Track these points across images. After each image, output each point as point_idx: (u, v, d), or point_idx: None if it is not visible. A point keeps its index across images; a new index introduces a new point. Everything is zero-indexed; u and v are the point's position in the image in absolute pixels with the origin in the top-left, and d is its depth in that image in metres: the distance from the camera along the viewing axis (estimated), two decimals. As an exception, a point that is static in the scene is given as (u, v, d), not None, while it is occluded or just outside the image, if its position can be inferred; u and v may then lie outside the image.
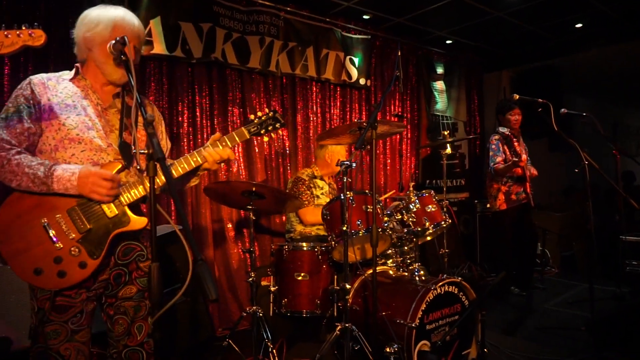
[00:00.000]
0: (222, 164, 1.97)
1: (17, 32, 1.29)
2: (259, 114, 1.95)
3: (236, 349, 2.81)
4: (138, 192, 1.73)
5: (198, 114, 3.78)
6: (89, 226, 1.64)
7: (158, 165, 1.55)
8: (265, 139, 2.00)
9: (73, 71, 1.79)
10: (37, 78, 1.74)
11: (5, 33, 1.28)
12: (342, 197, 2.68)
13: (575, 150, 3.39)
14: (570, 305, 4.13)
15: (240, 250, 3.97)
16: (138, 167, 1.82)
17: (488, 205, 5.42)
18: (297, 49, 4.33)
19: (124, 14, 1.75)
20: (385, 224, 2.82)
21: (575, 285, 4.77)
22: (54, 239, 1.60)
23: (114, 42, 1.62)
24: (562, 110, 3.63)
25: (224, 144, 1.85)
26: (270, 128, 1.95)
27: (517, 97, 3.66)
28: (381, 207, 2.89)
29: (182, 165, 1.80)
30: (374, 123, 2.31)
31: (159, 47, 3.51)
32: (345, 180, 2.53)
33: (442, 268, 3.49)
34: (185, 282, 2.75)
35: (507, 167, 4.12)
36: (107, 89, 1.81)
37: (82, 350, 1.74)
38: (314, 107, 4.54)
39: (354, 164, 2.50)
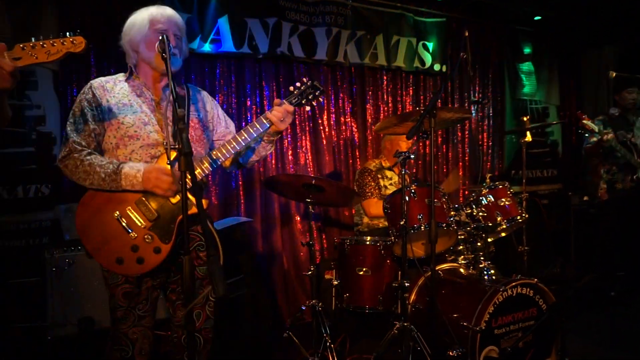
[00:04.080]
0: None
1: (61, 40, 1.37)
2: (297, 84, 1.97)
3: (296, 341, 2.81)
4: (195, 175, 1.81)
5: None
6: (156, 214, 1.75)
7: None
8: (307, 107, 2.01)
9: (128, 72, 1.90)
10: (97, 82, 1.87)
11: (52, 42, 1.37)
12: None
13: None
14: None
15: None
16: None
17: (585, 198, 4.88)
18: (365, 38, 4.21)
19: (156, 8, 1.84)
20: (451, 219, 2.63)
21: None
22: (128, 230, 1.72)
23: (158, 43, 1.69)
24: None
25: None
26: (310, 97, 1.99)
27: (614, 74, 3.22)
28: (447, 200, 2.70)
29: (246, 133, 1.88)
30: (432, 110, 2.14)
31: (227, 45, 3.61)
32: (403, 172, 2.39)
33: (521, 267, 3.18)
34: (246, 274, 2.80)
35: (595, 146, 3.72)
36: (159, 85, 1.90)
37: (147, 334, 1.87)
38: (385, 96, 4.39)
39: (412, 155, 2.35)
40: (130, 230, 1.72)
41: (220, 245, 2.01)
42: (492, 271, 2.61)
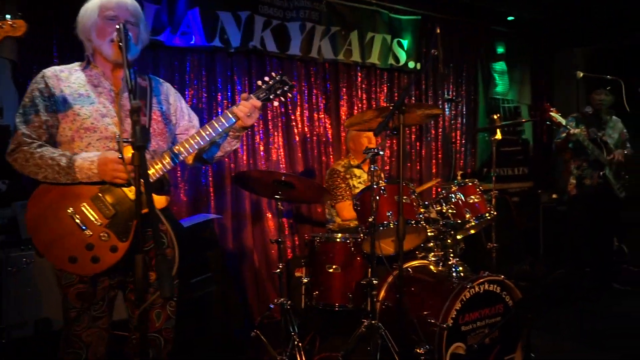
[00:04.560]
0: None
1: (0, 24, 1.29)
2: (266, 79, 1.92)
3: (264, 340, 2.77)
4: (155, 170, 1.76)
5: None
6: (113, 211, 1.68)
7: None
8: (275, 103, 1.96)
9: (85, 61, 1.82)
10: (50, 71, 1.78)
11: (-11, 25, 1.29)
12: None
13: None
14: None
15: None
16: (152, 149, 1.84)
17: (554, 196, 4.97)
18: (340, 34, 4.18)
19: None
20: (420, 216, 2.62)
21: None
22: (83, 227, 1.64)
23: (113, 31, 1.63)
24: None
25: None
26: (279, 92, 1.94)
27: (581, 74, 3.27)
28: (417, 197, 2.69)
29: (210, 128, 1.82)
30: (401, 106, 2.12)
31: (198, 38, 3.53)
32: (372, 169, 2.37)
33: (489, 264, 3.21)
34: (215, 271, 2.74)
35: (563, 141, 3.83)
36: (117, 74, 1.82)
37: (103, 336, 1.79)
38: (359, 93, 4.37)
39: (381, 151, 2.33)
40: (84, 228, 1.65)
41: (177, 244, 1.95)
42: (461, 268, 2.61)
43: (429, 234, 2.89)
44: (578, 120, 3.98)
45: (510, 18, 5.19)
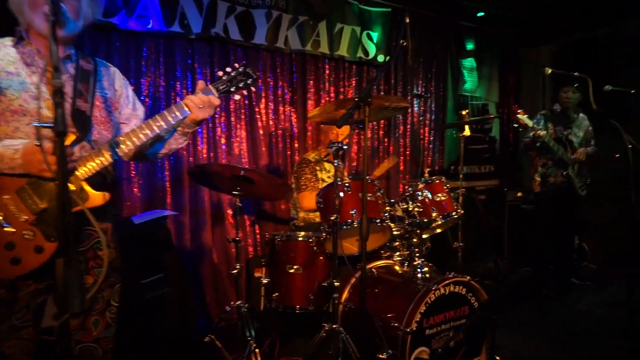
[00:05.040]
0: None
1: None
2: (228, 69, 1.75)
3: (218, 345, 2.61)
4: (95, 164, 1.59)
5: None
6: (42, 206, 1.49)
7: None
8: (237, 97, 1.80)
9: (17, 37, 1.61)
10: None
11: None
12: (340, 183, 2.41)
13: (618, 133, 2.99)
14: (607, 307, 3.68)
15: (240, 237, 3.75)
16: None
17: (519, 194, 4.99)
18: (308, 24, 4.02)
19: None
20: (385, 214, 2.51)
21: (616, 284, 4.28)
22: (4, 224, 1.43)
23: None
24: (607, 87, 3.18)
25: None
26: (241, 85, 1.78)
27: (549, 71, 3.24)
28: (382, 194, 2.58)
29: (162, 119, 1.65)
30: (366, 98, 1.99)
31: (156, 22, 3.30)
32: (336, 164, 2.24)
33: (455, 264, 3.14)
34: (168, 271, 2.53)
35: (530, 140, 3.84)
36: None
37: (27, 348, 1.59)
38: (327, 86, 4.23)
39: (345, 146, 2.20)
40: (5, 225, 1.45)
41: (116, 245, 1.78)
42: (426, 269, 2.52)
43: (395, 232, 2.80)
44: (546, 118, 4.00)
45: (480, 14, 5.16)
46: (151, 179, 3.42)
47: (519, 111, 3.64)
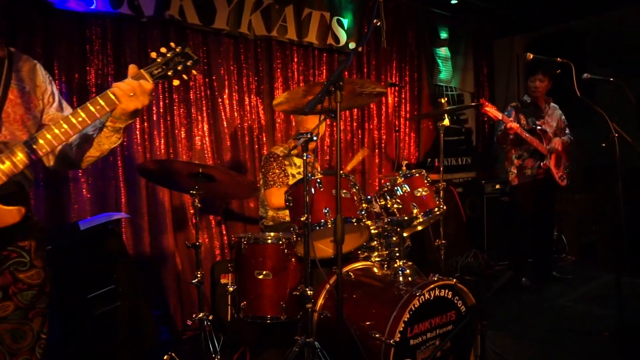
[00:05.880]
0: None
1: None
2: (163, 50, 1.45)
3: (179, 362, 2.32)
4: (5, 168, 1.28)
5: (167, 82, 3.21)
6: None
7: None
8: (176, 82, 1.49)
9: None
10: None
11: None
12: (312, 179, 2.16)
13: (603, 121, 2.85)
14: (591, 302, 3.56)
15: (206, 240, 3.46)
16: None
17: (497, 186, 4.86)
18: (274, 8, 3.73)
19: None
20: (363, 212, 2.27)
21: (597, 277, 4.19)
22: None
23: None
24: (585, 75, 3.03)
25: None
26: (180, 68, 1.46)
27: (531, 56, 3.05)
28: (358, 190, 2.33)
29: (84, 112, 1.34)
30: (337, 82, 1.73)
31: (102, 3, 2.95)
32: (305, 158, 1.98)
33: (437, 263, 2.94)
34: (119, 282, 2.19)
35: (502, 133, 3.70)
36: None
37: None
38: (295, 75, 3.95)
39: (314, 137, 1.94)
40: None
41: (44, 263, 1.48)
42: (408, 271, 2.29)
43: (373, 231, 2.56)
44: (517, 110, 3.87)
45: (453, 1, 4.97)
46: (102, 178, 3.07)
47: (487, 104, 3.49)
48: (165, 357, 2.32)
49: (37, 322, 1.44)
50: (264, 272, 2.44)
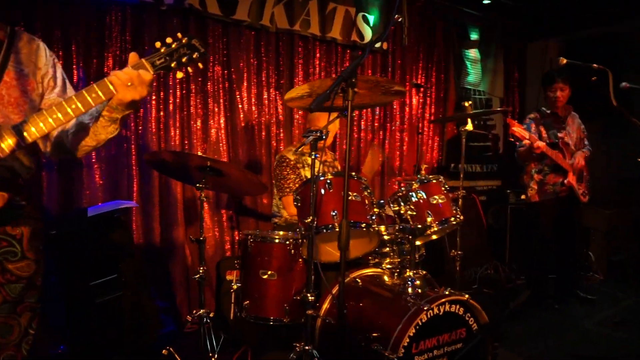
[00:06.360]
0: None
1: None
2: (168, 40, 1.36)
3: (178, 359, 2.26)
4: None
5: (170, 74, 3.16)
6: None
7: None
8: (179, 75, 1.42)
9: None
10: None
11: None
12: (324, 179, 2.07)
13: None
14: (617, 325, 3.33)
15: (216, 234, 3.40)
16: None
17: (522, 197, 4.64)
18: (297, 1, 3.64)
19: None
20: (373, 217, 2.16)
21: (624, 299, 3.94)
22: None
23: None
24: (624, 84, 2.83)
25: None
26: (185, 60, 1.37)
27: (565, 61, 2.87)
28: (370, 194, 2.22)
29: (79, 99, 1.28)
30: (350, 78, 1.63)
31: (123, -11, 2.92)
32: (313, 157, 1.88)
33: (452, 275, 2.79)
34: (123, 272, 2.13)
35: (526, 151, 3.39)
36: None
37: None
38: (316, 71, 3.85)
39: (324, 135, 1.84)
40: None
41: (37, 253, 1.44)
42: (418, 282, 2.17)
43: (385, 237, 2.45)
44: (537, 122, 3.58)
45: (486, 1, 4.78)
46: (115, 165, 3.05)
47: (514, 123, 3.19)
48: (164, 352, 2.26)
49: (26, 318, 1.39)
50: (269, 272, 2.35)
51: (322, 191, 2.11)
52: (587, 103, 3.96)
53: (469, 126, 2.75)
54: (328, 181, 2.10)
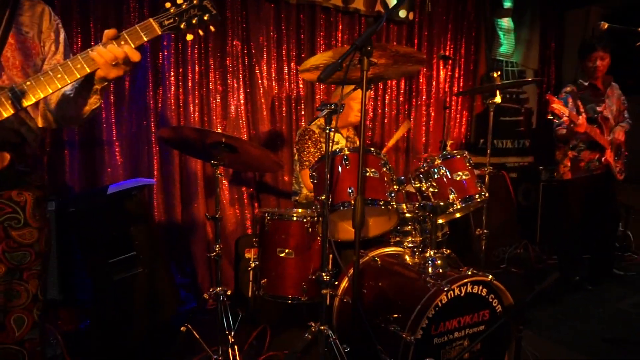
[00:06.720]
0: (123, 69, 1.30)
1: None
2: (179, 1, 1.28)
3: (196, 335, 2.27)
4: None
5: (189, 49, 3.12)
6: None
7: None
8: (189, 37, 1.33)
9: None
10: None
11: None
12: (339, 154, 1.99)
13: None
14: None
15: (237, 212, 3.39)
16: None
17: (555, 174, 4.43)
18: (318, -30, 3.50)
19: None
20: (392, 194, 2.07)
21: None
22: None
23: None
24: None
25: (122, 42, 1.24)
26: (194, 22, 1.30)
27: (607, 25, 2.62)
28: (389, 170, 2.13)
29: (64, 70, 1.23)
30: (364, 46, 1.52)
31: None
32: (327, 131, 1.80)
33: (477, 254, 2.69)
34: (140, 249, 2.13)
35: (568, 132, 3.18)
36: None
37: None
38: (339, 44, 3.72)
39: (340, 108, 1.75)
40: None
41: (42, 222, 1.43)
42: (439, 262, 2.08)
43: (407, 215, 2.36)
44: (574, 97, 3.32)
45: (521, -35, 4.48)
46: (136, 143, 3.06)
47: (554, 100, 2.96)
48: (182, 328, 2.27)
49: (34, 284, 1.40)
50: (287, 251, 2.31)
51: (340, 168, 2.03)
52: (628, 77, 3.68)
53: (497, 99, 2.59)
54: (345, 157, 2.02)
